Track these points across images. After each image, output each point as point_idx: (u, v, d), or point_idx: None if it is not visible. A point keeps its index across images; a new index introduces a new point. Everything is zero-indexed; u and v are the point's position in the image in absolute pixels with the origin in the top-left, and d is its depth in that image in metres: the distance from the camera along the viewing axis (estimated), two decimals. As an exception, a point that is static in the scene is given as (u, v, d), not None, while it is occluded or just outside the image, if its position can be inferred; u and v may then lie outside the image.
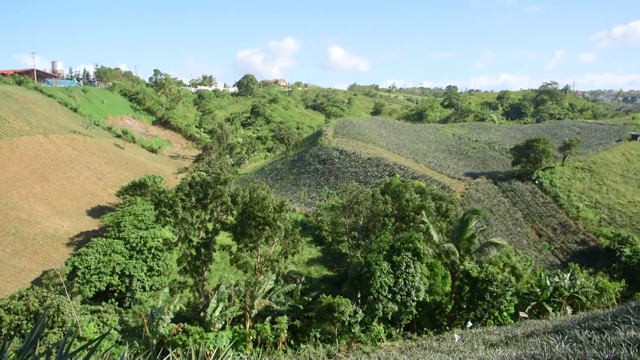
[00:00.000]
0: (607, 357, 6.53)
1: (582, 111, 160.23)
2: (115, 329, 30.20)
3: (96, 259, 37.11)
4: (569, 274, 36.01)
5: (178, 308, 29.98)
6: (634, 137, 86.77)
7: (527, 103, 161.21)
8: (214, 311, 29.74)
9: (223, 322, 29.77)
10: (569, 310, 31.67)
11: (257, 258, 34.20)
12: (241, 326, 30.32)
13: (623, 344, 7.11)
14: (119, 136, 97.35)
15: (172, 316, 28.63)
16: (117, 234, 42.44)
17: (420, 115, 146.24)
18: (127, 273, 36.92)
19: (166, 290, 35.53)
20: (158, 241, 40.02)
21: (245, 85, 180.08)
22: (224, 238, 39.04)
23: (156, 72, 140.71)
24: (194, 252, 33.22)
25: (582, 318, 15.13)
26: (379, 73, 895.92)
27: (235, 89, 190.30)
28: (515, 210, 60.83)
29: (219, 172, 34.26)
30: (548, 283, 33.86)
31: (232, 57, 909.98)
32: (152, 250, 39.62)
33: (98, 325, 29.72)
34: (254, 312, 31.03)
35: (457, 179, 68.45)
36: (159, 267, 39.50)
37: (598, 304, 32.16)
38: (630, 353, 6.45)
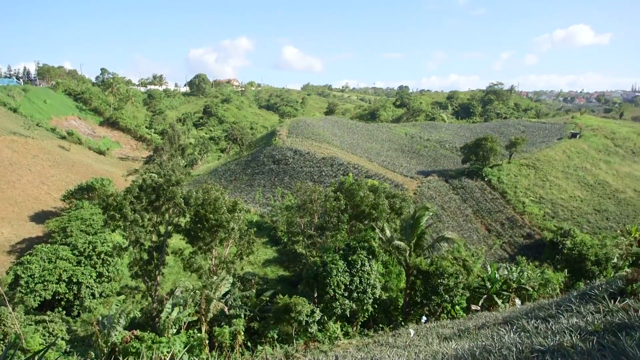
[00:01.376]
0: (552, 344, 6.84)
1: (527, 110, 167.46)
2: (62, 338, 28.90)
3: (41, 266, 35.39)
4: (516, 267, 37.49)
5: (131, 315, 29.05)
6: (574, 135, 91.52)
7: (476, 103, 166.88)
8: (168, 316, 29.00)
9: (178, 327, 29.08)
10: (517, 301, 32.92)
11: (211, 260, 33.64)
12: (196, 330, 29.74)
13: (566, 331, 7.48)
14: (63, 137, 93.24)
15: (124, 323, 27.71)
16: (63, 240, 40.64)
17: (373, 114, 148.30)
18: (74, 280, 35.43)
19: (121, 297, 34.40)
20: (108, 246, 38.65)
21: (197, 85, 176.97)
22: (177, 241, 38.17)
23: (103, 70, 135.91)
24: (145, 256, 32.28)
25: (529, 308, 15.78)
26: (332, 73, 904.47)
27: (186, 89, 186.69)
28: (465, 207, 62.76)
29: (170, 173, 33.45)
30: (497, 276, 35.11)
31: (183, 55, 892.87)
32: (102, 256, 38.21)
33: (44, 335, 28.36)
34: (210, 315, 30.51)
35: (410, 177, 69.89)
36: (109, 272, 38.13)
37: (543, 294, 33.62)
38: (572, 339, 6.78)
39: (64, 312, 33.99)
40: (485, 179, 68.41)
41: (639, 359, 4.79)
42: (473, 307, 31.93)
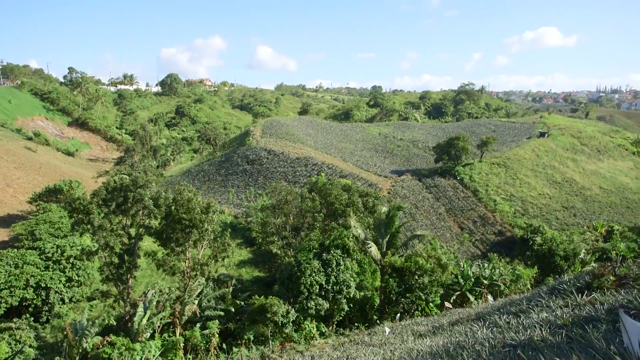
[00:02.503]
0: (523, 338, 6.99)
1: (497, 110, 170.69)
2: (30, 346, 28.06)
3: (7, 271, 34.24)
4: (488, 264, 38.22)
5: (103, 320, 28.43)
6: (542, 135, 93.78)
7: (447, 103, 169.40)
8: (141, 320, 28.48)
9: (151, 331, 28.59)
10: (490, 297, 33.56)
11: (185, 262, 33.20)
12: (171, 334, 29.32)
13: (536, 325, 7.65)
14: (30, 138, 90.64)
15: (96, 329, 27.09)
16: (30, 244, 39.45)
17: (346, 114, 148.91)
18: (43, 285, 34.41)
19: (93, 302, 33.64)
20: (77, 250, 37.71)
21: (169, 85, 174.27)
22: (149, 243, 37.53)
23: (71, 70, 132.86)
24: (116, 259, 31.62)
25: (501, 304, 16.10)
26: (306, 73, 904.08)
27: (158, 89, 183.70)
28: (438, 205, 63.60)
29: (137, 174, 32.87)
30: (470, 273, 35.70)
31: (155, 55, 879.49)
32: (71, 260, 37.24)
33: (10, 344, 27.48)
34: (184, 318, 30.11)
35: (384, 176, 70.43)
36: (79, 277, 37.19)
37: (515, 289, 34.35)
38: (542, 333, 6.94)
39: (32, 318, 32.98)
40: (458, 178, 69.48)
41: (605, 350, 4.92)
42: (446, 304, 32.38)
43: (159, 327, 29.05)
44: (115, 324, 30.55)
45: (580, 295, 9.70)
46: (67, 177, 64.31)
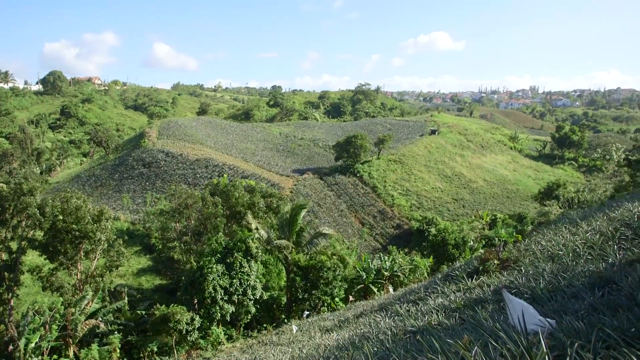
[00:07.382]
0: (421, 324, 7.38)
1: (392, 109, 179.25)
2: None
3: None
4: (388, 256, 39.97)
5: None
6: (433, 132, 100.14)
7: (346, 102, 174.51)
8: (27, 343, 25.86)
9: (39, 355, 26.08)
10: (391, 288, 35.12)
11: (76, 276, 30.74)
12: (64, 355, 26.98)
13: (433, 311, 8.13)
14: None
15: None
16: None
17: (247, 114, 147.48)
18: None
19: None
20: (-55, 269, 33.29)
21: (52, 83, 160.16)
22: (35, 257, 34.23)
23: None
24: (-5, 277, 28.42)
25: (401, 294, 16.92)
26: (206, 72, 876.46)
27: (39, 87, 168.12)
28: (340, 202, 65.31)
29: (21, 181, 29.79)
30: (372, 266, 37.08)
31: (36, 50, 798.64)
32: (-63, 281, 32.80)
33: None
34: (78, 336, 27.85)
35: (286, 175, 70.80)
36: (-53, 300, 32.88)
37: (413, 279, 36.25)
38: (439, 317, 7.38)
39: None
40: (357, 175, 71.87)
41: (492, 328, 5.33)
42: (351, 298, 33.36)
43: (47, 349, 26.59)
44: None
45: (470, 280, 10.47)
46: None
